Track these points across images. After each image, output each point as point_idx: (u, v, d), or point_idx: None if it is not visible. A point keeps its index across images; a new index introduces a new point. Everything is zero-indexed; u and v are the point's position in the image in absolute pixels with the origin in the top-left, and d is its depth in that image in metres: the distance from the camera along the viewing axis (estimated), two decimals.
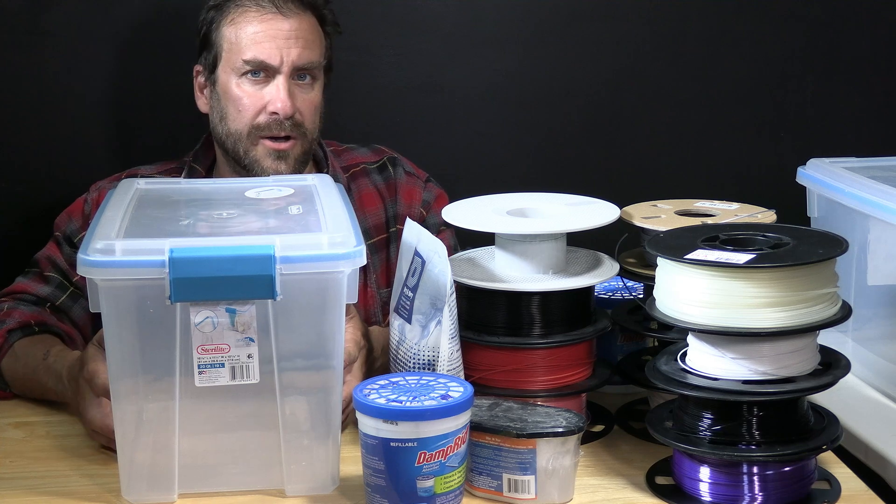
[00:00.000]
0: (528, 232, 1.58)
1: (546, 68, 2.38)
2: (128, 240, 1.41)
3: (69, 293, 1.91)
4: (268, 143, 1.90)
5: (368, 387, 1.42)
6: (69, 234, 1.96)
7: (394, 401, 1.38)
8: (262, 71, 1.89)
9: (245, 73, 1.89)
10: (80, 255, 1.38)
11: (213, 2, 1.93)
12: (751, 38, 2.43)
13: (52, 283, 1.92)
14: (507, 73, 2.37)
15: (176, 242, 1.39)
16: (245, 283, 1.39)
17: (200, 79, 1.97)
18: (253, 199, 1.60)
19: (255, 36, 1.88)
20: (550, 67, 2.39)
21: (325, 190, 1.62)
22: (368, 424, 1.38)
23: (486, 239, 1.66)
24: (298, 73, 1.91)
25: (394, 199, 2.04)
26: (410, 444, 1.37)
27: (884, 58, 2.46)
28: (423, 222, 1.96)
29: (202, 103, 1.98)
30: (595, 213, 1.63)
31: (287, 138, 1.90)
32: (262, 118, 1.90)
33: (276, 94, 1.88)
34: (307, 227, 1.48)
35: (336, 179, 2.00)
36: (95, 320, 1.90)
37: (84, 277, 1.40)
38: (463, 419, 1.39)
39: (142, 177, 1.98)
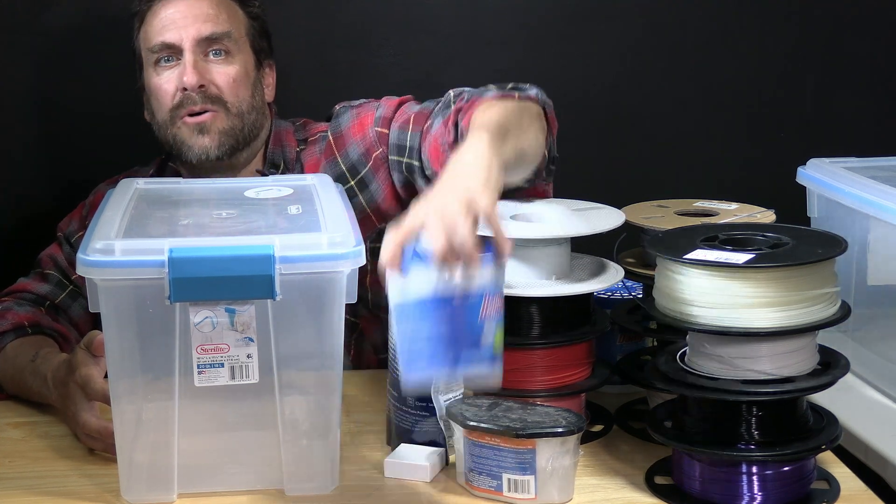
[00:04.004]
0: (531, 237, 1.58)
1: (546, 68, 2.38)
2: (127, 240, 1.41)
3: (68, 291, 1.93)
4: (187, 119, 1.90)
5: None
6: (68, 234, 1.99)
7: None
8: (170, 54, 1.91)
9: (157, 63, 1.91)
10: (80, 255, 1.38)
11: (133, 10, 1.96)
12: (751, 38, 2.43)
13: (52, 280, 1.93)
14: (507, 73, 2.36)
15: (175, 242, 1.39)
16: (244, 282, 1.39)
17: (142, 93, 1.99)
18: (252, 198, 1.60)
19: (156, 25, 1.91)
20: (550, 67, 2.39)
21: (324, 190, 1.62)
22: (426, 284, 1.29)
23: None
24: (210, 48, 1.91)
25: (345, 150, 1.96)
26: (474, 299, 1.31)
27: (884, 58, 2.46)
28: (386, 139, 1.90)
29: (147, 113, 1.99)
30: (599, 218, 1.62)
31: (205, 112, 1.90)
32: (177, 97, 1.90)
33: (182, 70, 1.90)
34: (306, 226, 1.48)
35: (279, 158, 1.98)
36: (96, 318, 1.91)
37: (83, 277, 1.40)
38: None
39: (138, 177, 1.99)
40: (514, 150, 1.55)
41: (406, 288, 1.30)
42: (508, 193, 1.65)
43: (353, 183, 1.93)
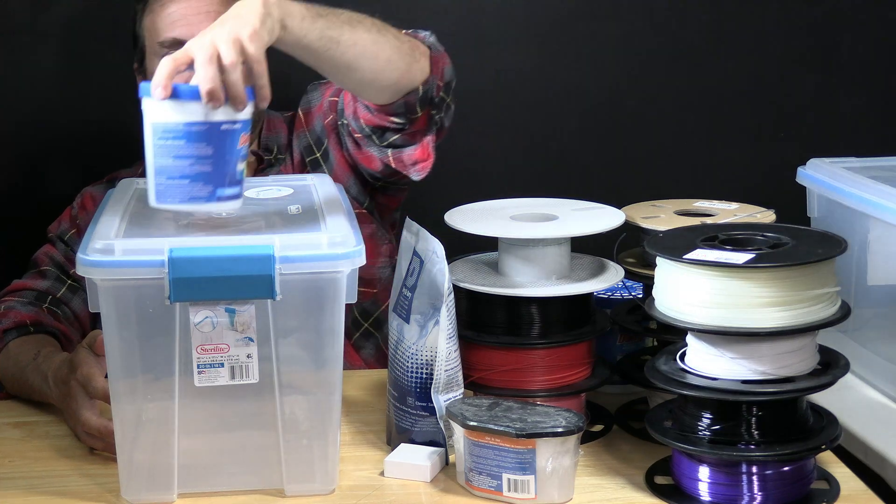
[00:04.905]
0: (531, 237, 1.58)
1: (546, 68, 2.39)
2: (127, 239, 1.41)
3: (68, 286, 1.94)
4: None
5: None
6: (60, 233, 2.01)
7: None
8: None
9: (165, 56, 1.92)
10: (80, 255, 1.38)
11: None
12: (751, 38, 2.43)
13: (50, 276, 1.94)
14: (507, 74, 2.37)
15: (175, 242, 1.39)
16: (244, 282, 1.39)
17: (138, 76, 2.00)
18: (252, 198, 1.60)
19: (167, 18, 1.92)
20: (550, 68, 2.39)
21: (324, 190, 1.62)
22: (196, 111, 1.40)
23: (489, 244, 1.65)
24: None
25: (312, 124, 2.02)
26: (237, 126, 1.43)
27: (884, 58, 2.46)
28: (335, 106, 1.96)
29: None
30: (599, 218, 1.62)
31: None
32: None
33: None
34: (306, 226, 1.48)
35: (273, 143, 2.02)
36: (97, 313, 1.92)
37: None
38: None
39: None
40: (328, 37, 1.60)
41: (174, 110, 1.40)
42: (386, 133, 1.82)
43: (318, 154, 1.99)
